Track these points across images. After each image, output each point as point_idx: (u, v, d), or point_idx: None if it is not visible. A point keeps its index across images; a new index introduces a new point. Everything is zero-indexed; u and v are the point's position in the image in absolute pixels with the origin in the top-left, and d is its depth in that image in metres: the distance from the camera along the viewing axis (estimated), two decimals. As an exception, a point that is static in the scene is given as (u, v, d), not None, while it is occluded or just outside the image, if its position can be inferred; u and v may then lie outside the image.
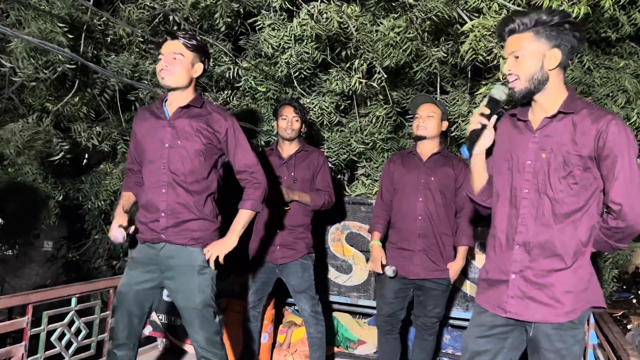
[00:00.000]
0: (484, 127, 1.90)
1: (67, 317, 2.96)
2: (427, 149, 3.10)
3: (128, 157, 2.59)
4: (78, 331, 3.03)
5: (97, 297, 3.79)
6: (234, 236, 2.41)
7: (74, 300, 2.98)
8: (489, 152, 2.03)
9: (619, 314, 9.92)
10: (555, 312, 1.81)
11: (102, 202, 4.87)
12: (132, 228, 2.40)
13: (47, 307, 2.91)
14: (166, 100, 2.45)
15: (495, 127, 1.99)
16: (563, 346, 1.81)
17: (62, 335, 2.92)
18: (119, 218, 2.39)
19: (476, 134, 1.85)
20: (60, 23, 3.45)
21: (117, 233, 2.33)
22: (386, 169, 3.23)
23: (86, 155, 5.04)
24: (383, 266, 3.06)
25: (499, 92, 1.84)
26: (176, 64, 2.33)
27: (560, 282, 1.82)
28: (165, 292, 3.42)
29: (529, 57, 1.79)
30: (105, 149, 4.50)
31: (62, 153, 4.17)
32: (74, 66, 3.58)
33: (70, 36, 3.46)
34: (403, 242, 3.05)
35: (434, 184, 3.02)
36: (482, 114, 1.84)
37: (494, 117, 1.91)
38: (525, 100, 1.86)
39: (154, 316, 3.82)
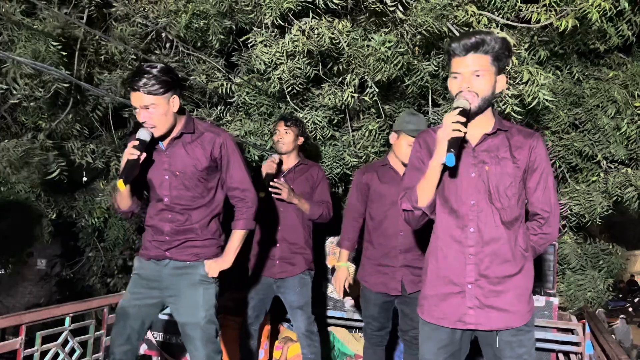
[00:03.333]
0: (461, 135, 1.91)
1: (61, 337, 2.93)
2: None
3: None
4: (72, 351, 3.01)
5: (92, 316, 3.75)
6: (230, 256, 2.43)
7: (67, 320, 2.96)
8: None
9: (616, 323, 9.92)
10: (514, 317, 1.90)
11: (96, 220, 4.85)
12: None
13: (40, 327, 2.88)
14: None
15: (424, 141, 2.07)
16: (524, 351, 1.91)
17: (56, 355, 2.90)
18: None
19: (457, 142, 1.86)
20: (54, 42, 3.47)
21: (144, 131, 2.26)
22: (357, 181, 3.10)
23: (84, 173, 5.03)
24: (345, 292, 3.05)
25: (465, 102, 1.88)
26: (153, 115, 2.25)
27: (513, 287, 1.91)
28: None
29: (488, 79, 1.88)
30: (99, 166, 4.50)
31: (59, 170, 4.15)
32: (67, 84, 3.59)
33: (64, 54, 3.47)
34: (383, 259, 2.97)
35: None
36: (459, 122, 1.84)
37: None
38: (473, 117, 1.91)
39: (148, 334, 3.79)
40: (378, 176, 3.02)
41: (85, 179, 5.03)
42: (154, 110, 2.25)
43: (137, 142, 2.23)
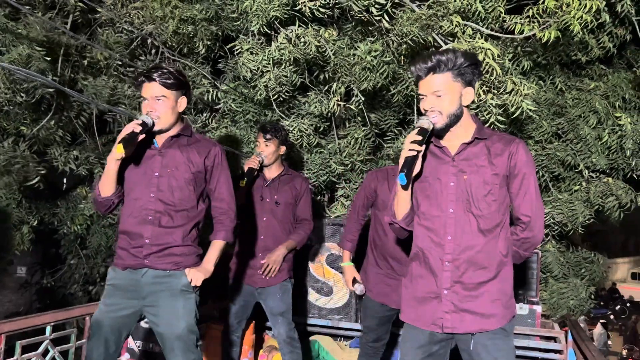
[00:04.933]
0: (417, 154, 1.96)
1: (42, 346, 2.88)
2: None
3: None
4: (53, 360, 2.95)
5: (73, 325, 3.69)
6: (210, 266, 2.43)
7: (48, 329, 2.91)
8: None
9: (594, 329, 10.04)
10: (489, 320, 1.95)
11: (78, 227, 4.79)
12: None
13: (20, 336, 2.82)
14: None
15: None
16: (501, 354, 1.94)
17: (36, 365, 2.84)
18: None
19: (411, 161, 1.92)
20: (38, 47, 3.43)
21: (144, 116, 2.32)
22: (367, 184, 3.09)
23: (64, 180, 4.97)
24: (355, 281, 3.06)
25: (427, 122, 1.96)
26: (161, 107, 2.34)
27: (488, 292, 1.96)
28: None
29: (450, 96, 1.95)
30: (83, 173, 4.45)
31: (39, 177, 4.10)
32: (51, 89, 3.56)
33: (48, 59, 3.44)
34: (389, 271, 2.98)
35: None
36: (415, 142, 1.92)
37: (423, 146, 2.00)
38: (444, 132, 2.02)
39: (131, 343, 3.74)
40: (388, 185, 2.98)
41: (65, 186, 4.98)
42: (163, 103, 2.34)
43: (140, 122, 2.29)
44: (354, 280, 3.09)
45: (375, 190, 3.05)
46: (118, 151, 2.24)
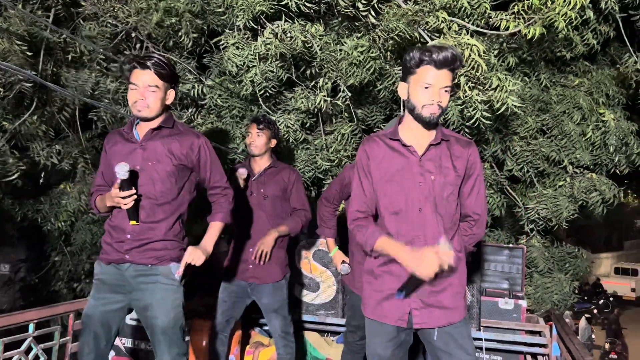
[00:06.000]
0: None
1: (24, 344, 2.84)
2: None
3: (97, 177, 2.53)
4: (36, 358, 2.91)
5: (57, 322, 3.65)
6: (209, 246, 2.40)
7: (31, 326, 2.87)
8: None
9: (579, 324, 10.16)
10: (454, 313, 2.03)
11: (62, 223, 4.73)
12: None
13: (3, 333, 2.79)
14: (137, 123, 2.42)
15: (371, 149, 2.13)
16: (465, 341, 2.03)
17: (19, 363, 2.81)
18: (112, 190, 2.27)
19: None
20: (19, 41, 3.38)
21: (122, 165, 2.18)
22: (344, 176, 3.09)
23: (42, 174, 4.90)
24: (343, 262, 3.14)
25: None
26: (151, 97, 2.31)
27: (449, 285, 2.04)
28: (128, 316, 3.33)
29: (449, 95, 2.02)
30: (66, 168, 4.39)
31: (19, 173, 4.03)
32: (30, 83, 3.50)
33: (29, 53, 3.38)
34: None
35: None
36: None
37: None
38: (429, 129, 2.07)
39: (117, 341, 3.71)
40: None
41: (42, 181, 4.91)
42: (154, 93, 2.31)
43: (118, 186, 2.21)
44: (343, 262, 3.14)
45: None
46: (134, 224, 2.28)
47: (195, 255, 2.33)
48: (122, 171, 2.17)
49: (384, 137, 2.13)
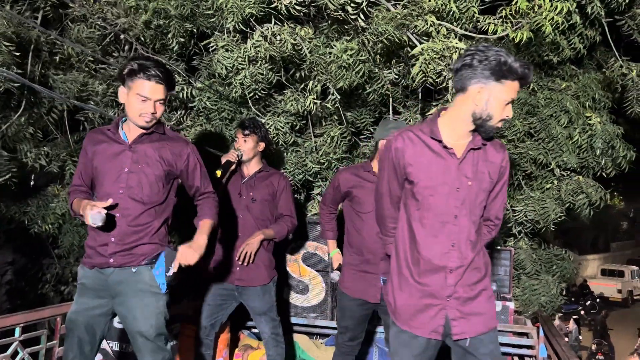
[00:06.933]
0: None
1: (11, 348, 2.81)
2: None
3: (75, 176, 2.50)
4: (22, 363, 2.89)
5: (44, 326, 3.62)
6: (202, 241, 2.35)
7: (18, 330, 2.84)
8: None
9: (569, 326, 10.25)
10: (490, 318, 1.99)
11: (50, 226, 4.68)
12: (109, 201, 2.24)
13: (-12, 338, 2.76)
14: (124, 121, 2.40)
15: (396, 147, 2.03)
16: (494, 346, 1.98)
17: (5, 367, 2.78)
18: (89, 203, 2.20)
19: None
20: (6, 42, 3.35)
21: (96, 214, 2.14)
22: (339, 181, 3.08)
23: (32, 177, 4.85)
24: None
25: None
26: (160, 109, 2.35)
27: (483, 288, 1.99)
28: (116, 319, 3.31)
29: None
30: (54, 170, 4.35)
31: (9, 174, 3.98)
32: (16, 84, 3.47)
33: (17, 54, 3.36)
34: (364, 265, 2.98)
35: None
36: None
37: None
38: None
39: (104, 344, 3.68)
40: (361, 182, 3.00)
41: (32, 182, 4.85)
42: (162, 105, 2.35)
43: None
44: (333, 270, 3.16)
45: (348, 188, 3.05)
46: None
47: (188, 255, 2.29)
48: (97, 221, 2.15)
49: (422, 134, 1.99)
